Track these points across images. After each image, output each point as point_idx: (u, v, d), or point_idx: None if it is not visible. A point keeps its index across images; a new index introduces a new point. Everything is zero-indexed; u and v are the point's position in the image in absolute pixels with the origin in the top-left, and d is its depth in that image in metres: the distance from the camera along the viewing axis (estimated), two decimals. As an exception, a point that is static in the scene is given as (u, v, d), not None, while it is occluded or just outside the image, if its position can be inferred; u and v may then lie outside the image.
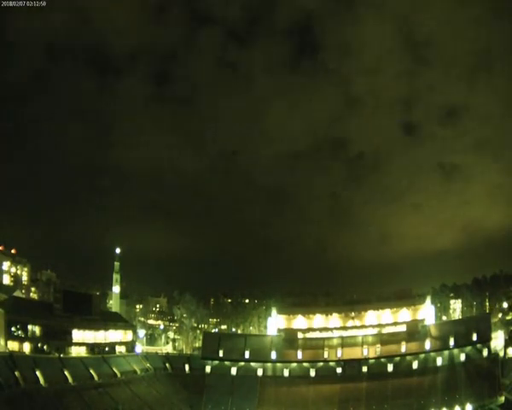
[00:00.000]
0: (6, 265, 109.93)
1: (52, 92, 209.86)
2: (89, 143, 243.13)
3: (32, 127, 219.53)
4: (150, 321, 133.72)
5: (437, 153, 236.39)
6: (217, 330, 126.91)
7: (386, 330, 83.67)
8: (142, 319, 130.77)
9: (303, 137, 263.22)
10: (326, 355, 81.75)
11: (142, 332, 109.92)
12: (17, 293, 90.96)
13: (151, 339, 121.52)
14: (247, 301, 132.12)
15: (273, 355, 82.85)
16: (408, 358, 78.73)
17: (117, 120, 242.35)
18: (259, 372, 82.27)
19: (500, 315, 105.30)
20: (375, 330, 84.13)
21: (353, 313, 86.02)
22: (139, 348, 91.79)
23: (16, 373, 59.64)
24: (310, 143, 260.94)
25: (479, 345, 74.80)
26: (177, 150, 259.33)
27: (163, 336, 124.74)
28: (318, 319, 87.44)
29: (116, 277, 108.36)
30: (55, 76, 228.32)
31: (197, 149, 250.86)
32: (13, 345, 67.31)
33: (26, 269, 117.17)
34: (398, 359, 78.98)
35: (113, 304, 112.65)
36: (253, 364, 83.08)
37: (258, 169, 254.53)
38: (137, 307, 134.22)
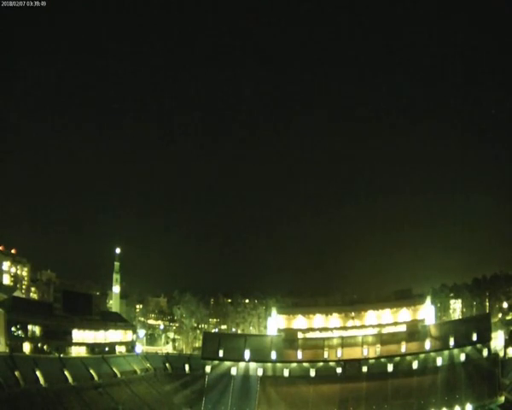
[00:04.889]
0: (6, 265, 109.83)
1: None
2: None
3: (30, 127, 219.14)
4: (150, 321, 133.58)
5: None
6: (217, 330, 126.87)
7: (386, 330, 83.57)
8: (142, 319, 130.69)
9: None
10: (326, 355, 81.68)
11: (142, 332, 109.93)
12: (17, 293, 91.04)
13: (151, 339, 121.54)
14: (247, 301, 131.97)
15: (273, 355, 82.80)
16: (408, 358, 78.69)
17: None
18: (259, 372, 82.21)
19: (500, 315, 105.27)
20: (375, 330, 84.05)
21: (353, 313, 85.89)
22: (139, 348, 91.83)
23: (16, 373, 59.77)
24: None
25: (479, 345, 74.75)
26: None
27: (163, 336, 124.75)
28: (318, 319, 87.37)
29: (116, 277, 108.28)
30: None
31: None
32: (13, 345, 67.28)
33: (26, 269, 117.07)
34: (398, 359, 78.94)
35: (113, 304, 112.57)
36: (252, 364, 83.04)
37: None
38: (137, 307, 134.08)
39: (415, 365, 77.49)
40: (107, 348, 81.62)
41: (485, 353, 74.15)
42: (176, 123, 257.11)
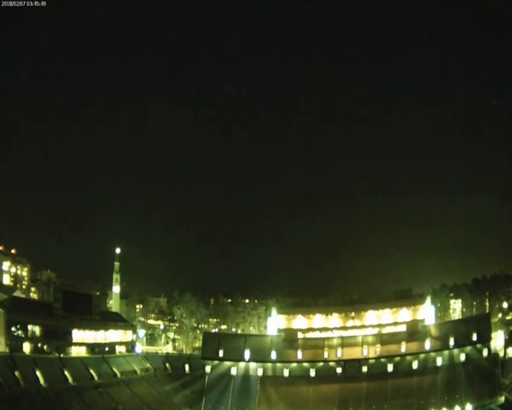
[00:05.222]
0: (6, 265, 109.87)
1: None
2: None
3: (30, 127, 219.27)
4: (150, 321, 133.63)
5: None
6: (217, 330, 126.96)
7: (386, 330, 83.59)
8: (142, 319, 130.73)
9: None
10: (326, 355, 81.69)
11: (142, 332, 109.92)
12: (17, 293, 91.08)
13: (151, 339, 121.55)
14: (247, 301, 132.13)
15: (273, 355, 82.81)
16: (408, 358, 78.70)
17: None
18: (259, 372, 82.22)
19: (500, 315, 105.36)
20: (375, 330, 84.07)
21: (353, 313, 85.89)
22: (139, 348, 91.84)
23: (16, 373, 59.80)
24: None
25: (479, 345, 74.75)
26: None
27: (163, 336, 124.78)
28: (318, 319, 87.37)
29: (116, 277, 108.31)
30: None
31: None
32: (13, 345, 67.32)
33: (26, 269, 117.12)
34: (398, 359, 78.94)
35: (113, 304, 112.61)
36: (252, 364, 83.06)
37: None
38: (137, 307, 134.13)
39: (415, 365, 77.48)
40: (107, 348, 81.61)
41: (485, 353, 74.13)
42: (176, 123, 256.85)
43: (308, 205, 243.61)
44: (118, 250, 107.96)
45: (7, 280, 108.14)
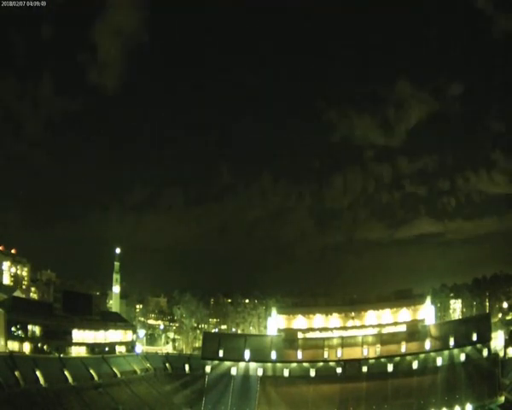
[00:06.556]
0: (6, 265, 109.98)
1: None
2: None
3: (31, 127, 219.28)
4: (150, 321, 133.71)
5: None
6: (217, 330, 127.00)
7: (386, 330, 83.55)
8: (142, 319, 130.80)
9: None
10: (326, 355, 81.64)
11: (142, 332, 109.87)
12: (17, 293, 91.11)
13: (151, 339, 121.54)
14: (247, 301, 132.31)
15: (273, 355, 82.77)
16: (408, 358, 78.63)
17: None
18: (259, 372, 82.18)
19: (500, 315, 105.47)
20: (375, 330, 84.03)
21: (353, 313, 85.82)
22: (139, 348, 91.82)
23: (16, 373, 59.80)
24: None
25: (479, 345, 74.70)
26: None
27: (163, 336, 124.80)
28: (318, 319, 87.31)
29: (116, 277, 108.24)
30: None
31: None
32: (13, 345, 67.39)
33: (26, 269, 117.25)
34: (398, 359, 78.87)
35: (113, 304, 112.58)
36: (252, 364, 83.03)
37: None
38: (137, 307, 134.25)
39: (415, 365, 77.40)
40: (107, 348, 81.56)
41: (485, 353, 74.09)
42: (175, 124, 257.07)
43: (307, 204, 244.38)
44: (118, 250, 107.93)
45: (7, 280, 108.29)
